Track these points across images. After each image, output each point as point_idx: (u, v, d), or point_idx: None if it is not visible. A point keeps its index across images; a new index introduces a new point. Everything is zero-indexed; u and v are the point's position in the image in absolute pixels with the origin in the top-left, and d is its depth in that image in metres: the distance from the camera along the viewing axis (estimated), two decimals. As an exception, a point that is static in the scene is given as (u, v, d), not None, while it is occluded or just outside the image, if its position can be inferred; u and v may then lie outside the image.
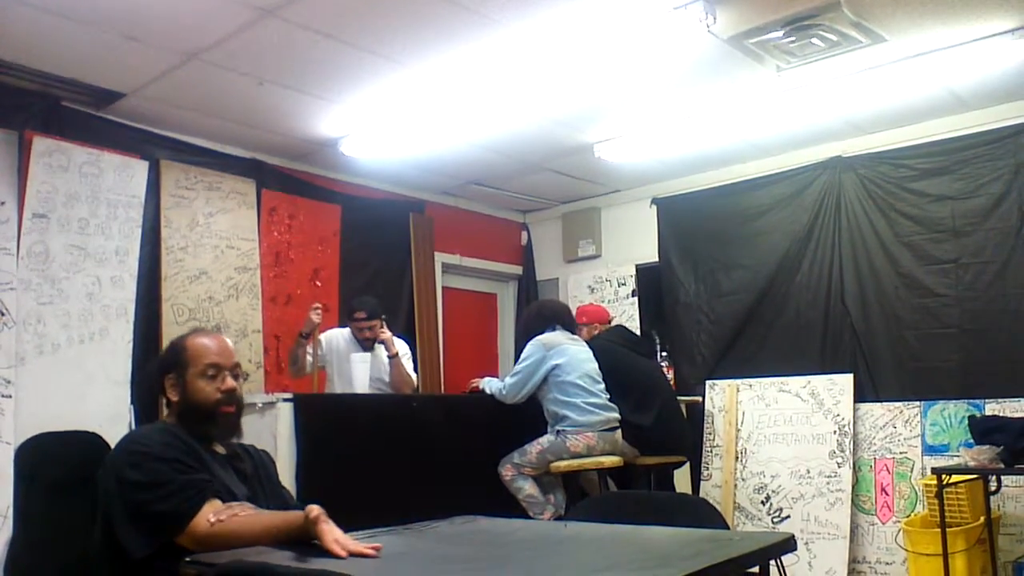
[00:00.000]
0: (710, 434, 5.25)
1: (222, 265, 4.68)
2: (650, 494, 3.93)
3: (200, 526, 1.84)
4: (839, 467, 4.69)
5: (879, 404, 4.74)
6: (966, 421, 4.10)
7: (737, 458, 5.08)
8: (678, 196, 5.79)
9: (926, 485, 4.30)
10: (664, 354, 5.68)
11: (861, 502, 4.67)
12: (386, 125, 4.54)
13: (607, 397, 4.15)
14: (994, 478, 3.91)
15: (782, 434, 4.96)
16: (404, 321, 5.58)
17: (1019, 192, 4.41)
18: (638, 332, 5.51)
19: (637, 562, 1.67)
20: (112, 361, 4.04)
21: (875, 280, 4.86)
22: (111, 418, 3.93)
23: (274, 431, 3.32)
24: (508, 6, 3.30)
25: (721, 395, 5.27)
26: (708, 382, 5.36)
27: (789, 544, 1.81)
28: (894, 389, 4.72)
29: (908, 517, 4.41)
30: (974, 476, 3.81)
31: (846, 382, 4.82)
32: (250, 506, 1.95)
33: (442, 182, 5.86)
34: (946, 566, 3.67)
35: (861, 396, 4.79)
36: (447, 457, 3.84)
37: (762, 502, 4.92)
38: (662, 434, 4.27)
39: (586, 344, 4.32)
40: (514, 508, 3.94)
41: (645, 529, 2.03)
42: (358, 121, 4.54)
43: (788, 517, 4.79)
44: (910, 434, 4.59)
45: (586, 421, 4.00)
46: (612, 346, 4.43)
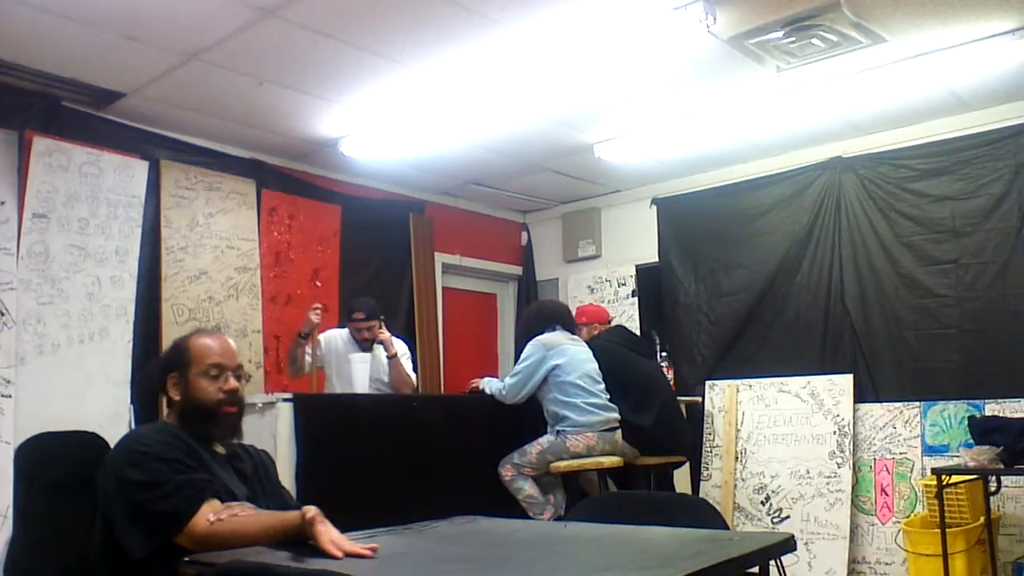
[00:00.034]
0: (710, 434, 5.25)
1: (222, 265, 4.68)
2: (650, 494, 3.93)
3: (199, 526, 1.84)
4: (839, 467, 4.69)
5: (879, 404, 4.74)
6: (966, 421, 4.11)
7: (737, 458, 5.08)
8: (678, 196, 5.79)
9: (926, 485, 4.30)
10: (664, 354, 5.68)
11: (861, 502, 4.67)
12: (386, 125, 4.54)
13: (607, 397, 4.15)
14: (994, 478, 3.91)
15: (782, 434, 4.96)
16: (404, 321, 5.58)
17: (1019, 192, 4.42)
18: (638, 332, 5.51)
19: (637, 562, 1.67)
20: (112, 361, 4.04)
21: (875, 280, 4.86)
22: (111, 418, 3.94)
23: (274, 431, 3.32)
24: (508, 6, 3.31)
25: (721, 395, 5.27)
26: (708, 382, 5.35)
27: (789, 544, 1.81)
28: (894, 389, 4.73)
29: (908, 517, 4.41)
30: (974, 476, 3.81)
31: (846, 382, 4.82)
32: (250, 506, 1.95)
33: (442, 182, 5.86)
34: (946, 566, 3.67)
35: (861, 396, 4.80)
36: (447, 457, 3.85)
37: (762, 502, 4.92)
38: (662, 434, 4.27)
39: (586, 344, 4.32)
40: (514, 508, 3.94)
41: (645, 529, 2.03)
42: (358, 121, 4.54)
43: (788, 517, 4.79)
44: (910, 434, 4.59)
45: (586, 421, 4.00)
46: (612, 346, 4.43)
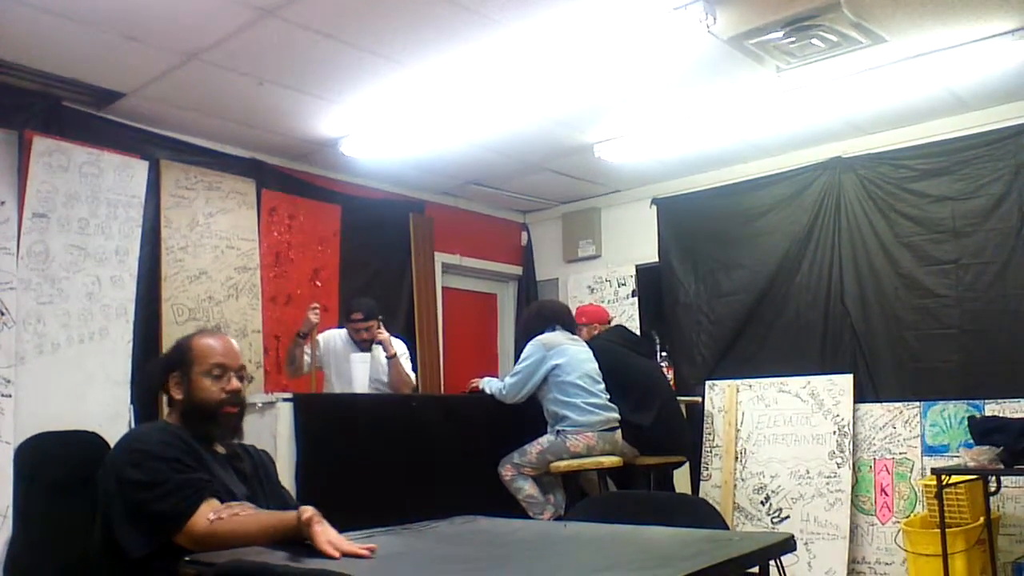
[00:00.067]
0: (710, 434, 5.25)
1: (222, 265, 4.68)
2: (650, 494, 3.93)
3: (198, 525, 1.84)
4: (839, 467, 4.69)
5: (879, 404, 4.74)
6: (966, 422, 4.11)
7: (737, 458, 5.08)
8: (678, 196, 5.78)
9: (926, 486, 4.30)
10: (664, 354, 5.68)
11: (861, 502, 4.67)
12: (386, 125, 4.54)
13: (607, 397, 4.15)
14: (994, 479, 3.91)
15: (782, 434, 4.96)
16: (404, 321, 5.58)
17: (1019, 193, 4.41)
18: (638, 332, 5.50)
19: (637, 562, 1.68)
20: (112, 361, 4.04)
21: (875, 281, 4.86)
22: (111, 418, 3.94)
23: (274, 431, 3.32)
24: (508, 6, 3.31)
25: (721, 395, 5.27)
26: (708, 382, 5.35)
27: (789, 544, 1.81)
28: (894, 390, 4.72)
29: (908, 518, 4.41)
30: (974, 477, 3.81)
31: (846, 382, 4.82)
32: (250, 506, 1.95)
33: (442, 182, 5.86)
34: (945, 567, 3.67)
35: (861, 396, 4.79)
36: (447, 457, 3.85)
37: (762, 502, 4.92)
38: (662, 434, 4.27)
39: (586, 344, 4.32)
40: (514, 508, 3.94)
41: (645, 529, 2.03)
42: (358, 121, 4.54)
43: (788, 517, 4.79)
44: (910, 434, 4.59)
45: (586, 421, 4.00)
46: (612, 346, 4.43)
